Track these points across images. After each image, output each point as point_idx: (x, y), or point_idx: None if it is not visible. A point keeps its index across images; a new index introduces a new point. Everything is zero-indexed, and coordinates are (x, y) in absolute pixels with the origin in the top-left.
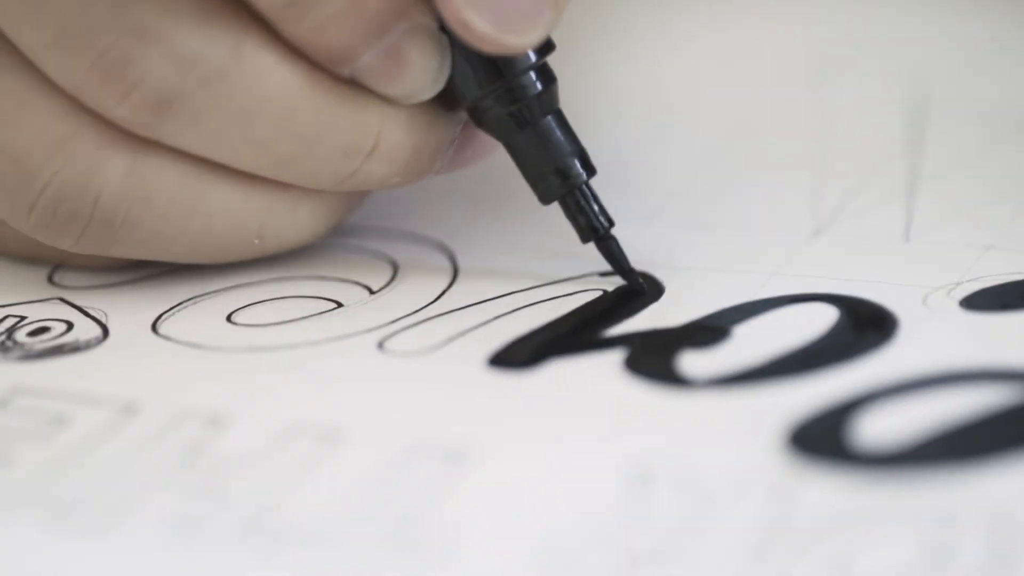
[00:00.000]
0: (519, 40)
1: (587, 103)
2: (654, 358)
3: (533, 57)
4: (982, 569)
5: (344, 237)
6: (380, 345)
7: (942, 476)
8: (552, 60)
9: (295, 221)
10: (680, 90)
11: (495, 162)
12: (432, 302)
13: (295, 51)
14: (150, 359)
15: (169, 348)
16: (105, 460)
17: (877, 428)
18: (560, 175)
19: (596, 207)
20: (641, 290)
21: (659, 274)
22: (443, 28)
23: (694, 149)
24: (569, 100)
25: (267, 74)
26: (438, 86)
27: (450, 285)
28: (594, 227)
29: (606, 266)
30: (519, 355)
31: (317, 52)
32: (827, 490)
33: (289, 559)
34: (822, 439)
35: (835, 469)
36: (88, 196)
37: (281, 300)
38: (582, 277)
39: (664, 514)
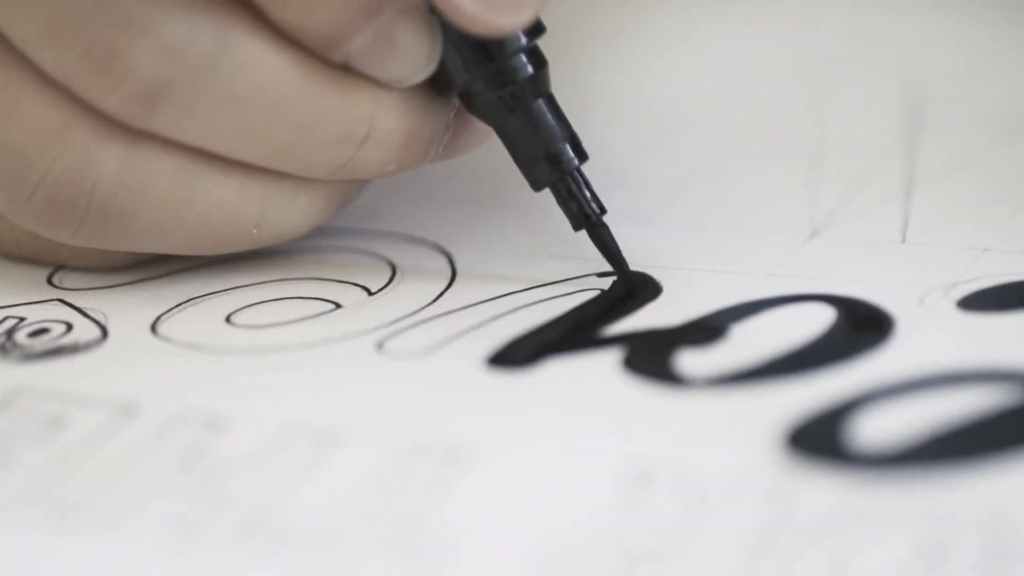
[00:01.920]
0: (507, 21)
1: (586, 104)
2: (652, 358)
3: (523, 39)
4: (978, 569)
5: (343, 239)
6: (379, 346)
7: (939, 476)
8: (551, 60)
9: (294, 210)
10: (677, 91)
11: (493, 163)
12: (430, 303)
13: (285, 37)
14: (149, 360)
15: (168, 349)
16: (105, 461)
17: (874, 428)
18: (551, 160)
19: (588, 193)
20: (631, 279)
21: (657, 274)
22: (433, 10)
23: (692, 150)
24: (568, 101)
25: (257, 62)
26: (430, 68)
27: (448, 286)
28: (586, 214)
29: (604, 266)
30: (517, 355)
31: (307, 37)
32: (824, 490)
33: (288, 560)
34: (819, 439)
35: (832, 469)
36: (84, 186)
37: (280, 301)
38: (580, 278)
39: (662, 514)
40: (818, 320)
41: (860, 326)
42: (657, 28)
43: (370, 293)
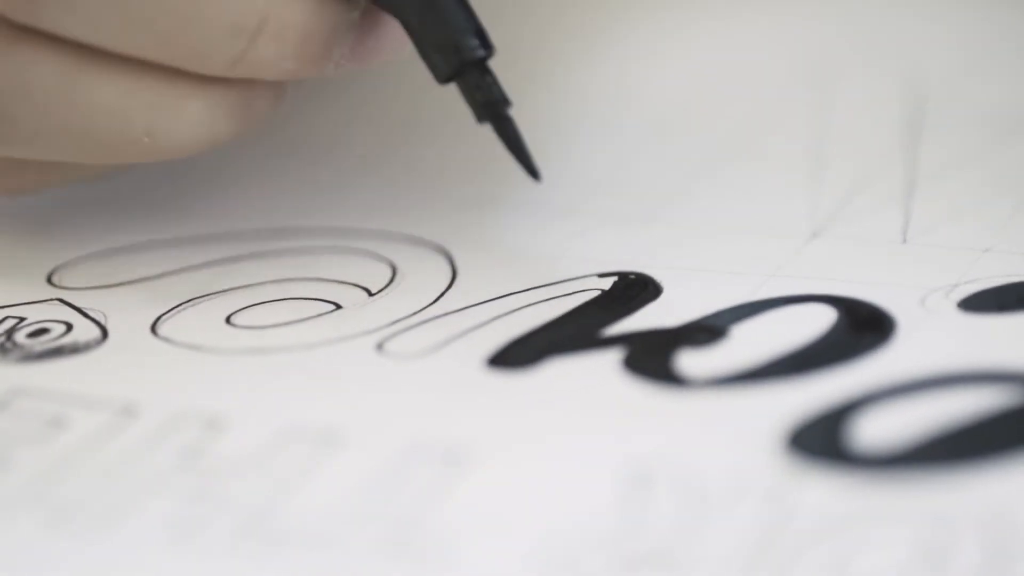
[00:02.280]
0: None
1: (585, 104)
2: (652, 358)
3: None
4: (979, 570)
5: (343, 239)
6: (379, 347)
7: (939, 478)
8: (552, 60)
9: (186, 118)
10: (677, 91)
11: (494, 164)
12: (431, 304)
13: None
14: (149, 361)
15: (168, 350)
16: (104, 462)
17: (875, 429)
18: (456, 51)
19: (493, 84)
20: (537, 175)
21: (657, 274)
22: None
23: (692, 150)
24: (567, 101)
25: None
26: None
27: (449, 287)
28: (490, 103)
29: (604, 267)
30: (518, 356)
31: None
32: (825, 491)
33: (288, 561)
34: (820, 440)
35: (833, 470)
36: None
37: (280, 302)
38: (580, 278)
39: (662, 515)
40: (819, 321)
41: (861, 327)
42: (657, 28)
43: (370, 294)
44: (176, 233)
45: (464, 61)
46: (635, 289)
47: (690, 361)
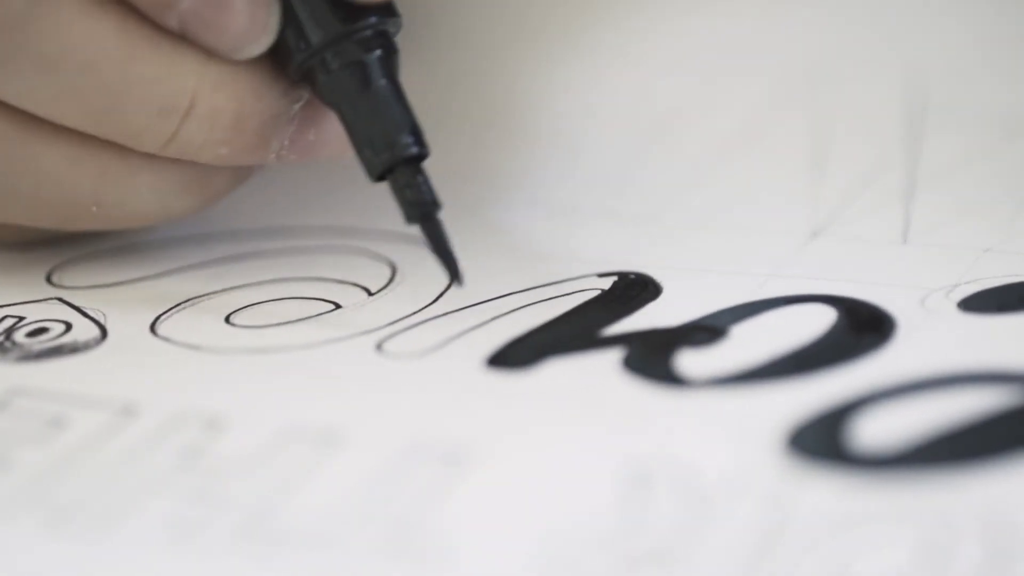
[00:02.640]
0: None
1: (586, 106)
2: (652, 358)
3: (372, 19)
4: (979, 571)
5: (342, 239)
6: (378, 346)
7: (940, 478)
8: (552, 61)
9: (135, 191)
10: (678, 92)
11: (493, 164)
12: (430, 303)
13: (115, 1)
14: (149, 360)
15: (168, 349)
16: (104, 462)
17: (875, 430)
18: (389, 148)
19: (424, 184)
20: (459, 279)
21: (657, 274)
22: None
23: (692, 150)
24: (568, 101)
25: (70, 21)
26: (267, 40)
27: (448, 287)
28: (418, 202)
29: (604, 267)
30: (518, 355)
31: None
32: (825, 492)
33: (287, 561)
34: (820, 440)
35: (833, 471)
36: None
37: (279, 301)
38: (580, 278)
39: (662, 515)
40: (819, 321)
41: (861, 327)
42: (657, 28)
43: (370, 293)
44: (175, 232)
45: (396, 159)
46: (635, 289)
47: (690, 361)
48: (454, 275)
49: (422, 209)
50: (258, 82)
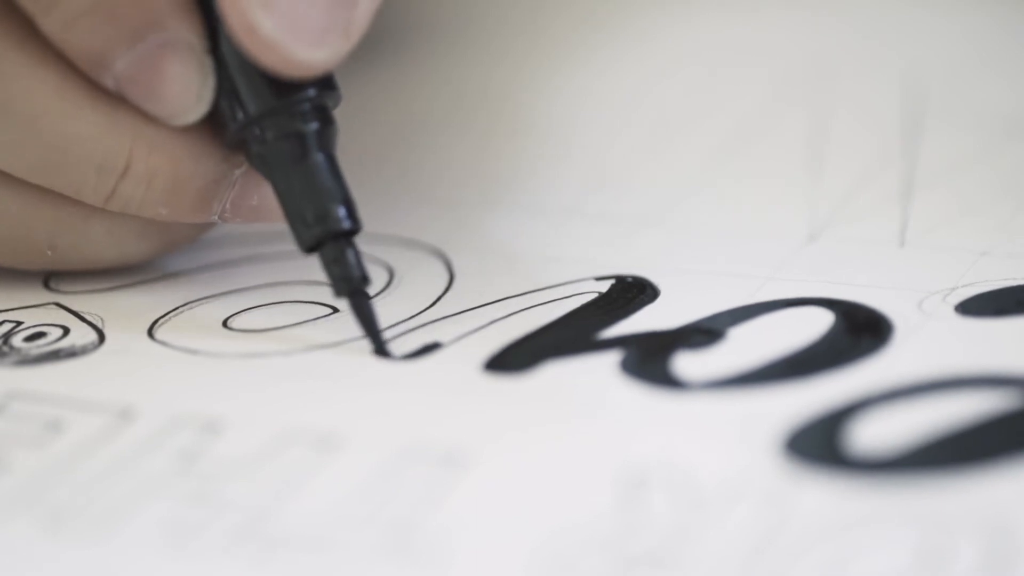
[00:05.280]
0: (305, 55)
1: (584, 108)
2: (650, 361)
3: (309, 92)
4: (976, 575)
5: None
6: (376, 350)
7: (937, 482)
8: (551, 61)
9: (89, 237)
10: (676, 95)
11: (490, 167)
12: (428, 307)
13: (56, 57)
14: (146, 364)
15: (165, 353)
16: (101, 465)
17: (872, 433)
18: (321, 221)
19: (354, 260)
20: (387, 355)
21: (655, 277)
22: (212, 50)
23: (690, 152)
24: (567, 103)
25: (14, 75)
26: (201, 109)
27: (446, 290)
28: (346, 278)
29: (601, 270)
30: (515, 359)
31: (72, 53)
32: (822, 495)
33: (285, 564)
34: (817, 444)
35: (830, 474)
36: None
37: (277, 305)
38: (577, 281)
39: (659, 518)
40: (816, 324)
41: (858, 330)
42: (656, 30)
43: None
44: None
45: (327, 233)
46: (632, 292)
47: (688, 364)
48: (381, 351)
49: (350, 285)
50: (197, 146)
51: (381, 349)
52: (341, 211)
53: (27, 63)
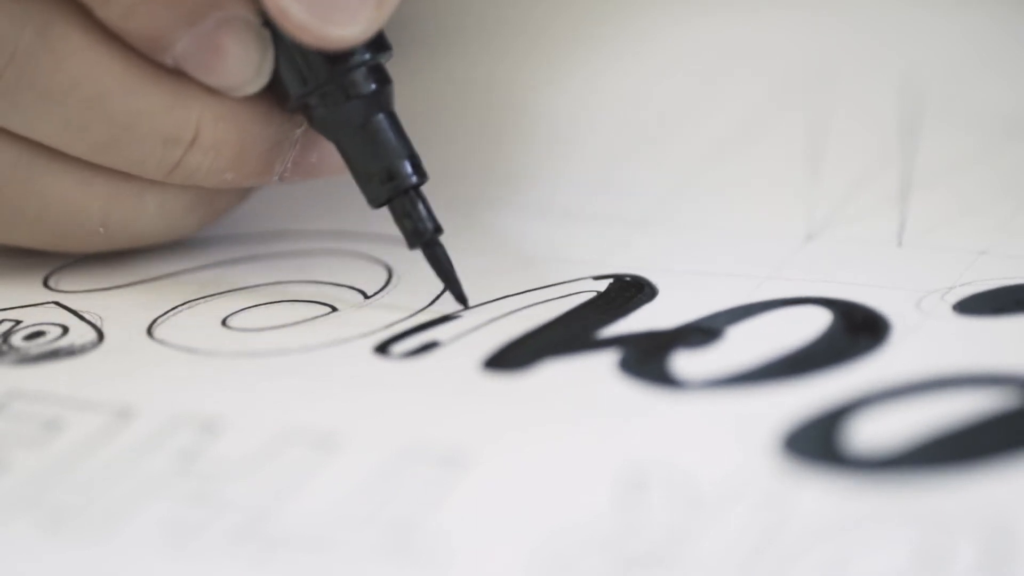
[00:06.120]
0: (338, 32)
1: (583, 108)
2: (648, 360)
3: (364, 55)
4: (975, 574)
5: (339, 242)
6: (375, 349)
7: (936, 480)
8: (550, 62)
9: (142, 213)
10: (674, 95)
11: (489, 166)
12: (427, 306)
13: (114, 35)
14: (145, 364)
15: (164, 352)
16: (100, 465)
17: (871, 432)
18: (389, 177)
19: (424, 212)
20: (464, 302)
21: (653, 276)
22: (267, 23)
23: (688, 153)
24: (566, 106)
25: (75, 56)
26: (261, 81)
27: (445, 289)
28: (419, 231)
29: (600, 269)
30: (514, 357)
31: (131, 37)
32: (821, 494)
33: (284, 564)
34: (816, 443)
35: (829, 473)
36: None
37: (276, 304)
38: (576, 280)
39: (658, 518)
40: (814, 323)
41: (856, 329)
42: (654, 30)
43: (366, 296)
44: None
45: (396, 190)
46: (631, 291)
47: (686, 363)
48: (459, 298)
49: (423, 237)
50: (260, 112)
51: (460, 296)
52: (407, 167)
53: (88, 43)
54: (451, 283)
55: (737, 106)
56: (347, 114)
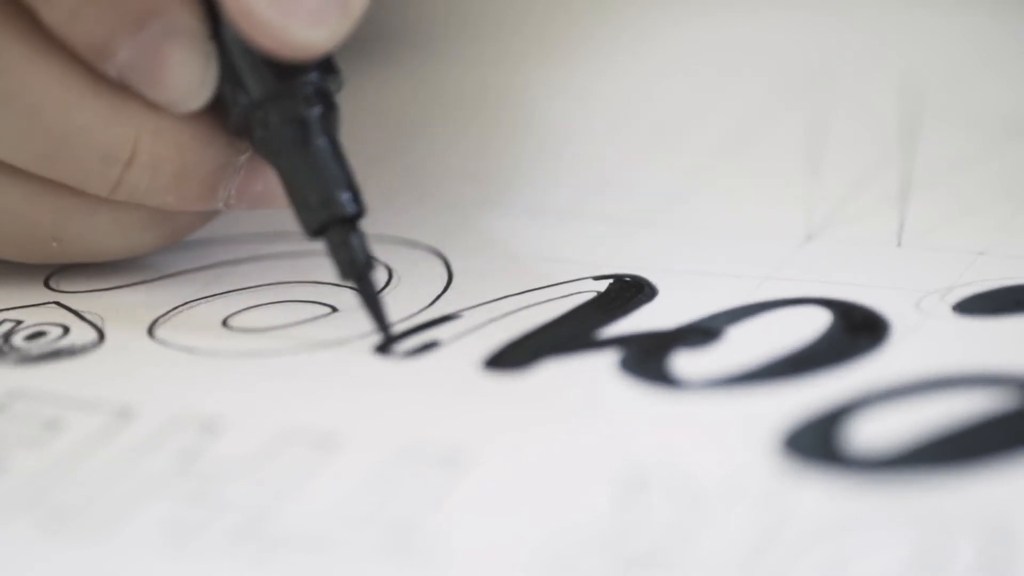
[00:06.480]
0: (303, 34)
1: (583, 108)
2: (648, 360)
3: (312, 75)
4: (975, 573)
5: None
6: (375, 349)
7: (935, 481)
8: (550, 62)
9: (95, 228)
10: (673, 94)
11: (489, 167)
12: (427, 306)
13: (57, 46)
14: (146, 364)
15: (165, 353)
16: (100, 465)
17: (870, 432)
18: (326, 206)
19: (358, 243)
20: (391, 335)
21: (653, 277)
22: (214, 36)
23: (688, 154)
24: (566, 106)
25: (15, 66)
26: (204, 95)
27: (445, 289)
28: (354, 262)
29: (600, 269)
30: (514, 357)
31: (74, 43)
32: (820, 494)
33: (284, 565)
34: (815, 443)
35: (828, 473)
36: None
37: (277, 304)
38: (576, 280)
39: (658, 517)
40: (814, 323)
41: (856, 329)
42: (653, 31)
43: None
44: None
45: (332, 217)
46: (631, 291)
47: (686, 363)
48: (385, 334)
49: (355, 269)
50: (202, 133)
51: (386, 332)
52: (346, 195)
53: (28, 54)
54: (379, 319)
55: (737, 106)
56: (288, 136)
